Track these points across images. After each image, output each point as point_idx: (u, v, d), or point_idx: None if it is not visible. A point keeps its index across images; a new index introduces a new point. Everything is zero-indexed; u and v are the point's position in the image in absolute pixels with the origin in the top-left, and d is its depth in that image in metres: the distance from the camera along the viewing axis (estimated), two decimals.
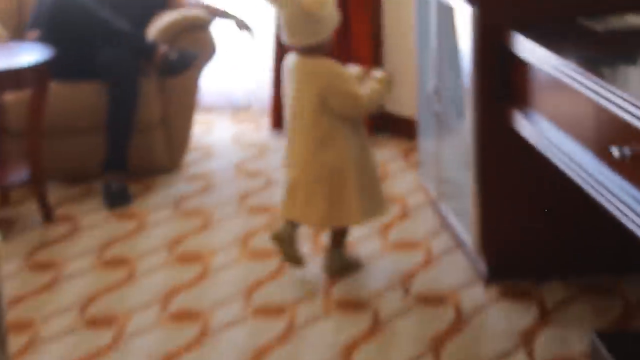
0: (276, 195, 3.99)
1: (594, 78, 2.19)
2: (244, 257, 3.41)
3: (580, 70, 2.28)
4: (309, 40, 3.07)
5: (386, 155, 4.44)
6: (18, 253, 3.50)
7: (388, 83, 3.15)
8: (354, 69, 3.23)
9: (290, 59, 3.15)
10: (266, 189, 4.08)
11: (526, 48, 2.70)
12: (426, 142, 3.77)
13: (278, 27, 4.75)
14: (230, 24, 4.40)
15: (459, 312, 2.96)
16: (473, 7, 2.95)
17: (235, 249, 3.49)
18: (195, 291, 3.18)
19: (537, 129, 2.65)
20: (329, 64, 3.08)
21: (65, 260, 3.44)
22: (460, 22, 3.14)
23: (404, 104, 4.65)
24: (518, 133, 2.82)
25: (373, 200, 3.16)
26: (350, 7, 4.65)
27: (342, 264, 3.24)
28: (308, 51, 3.08)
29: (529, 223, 3.07)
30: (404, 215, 3.73)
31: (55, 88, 4.04)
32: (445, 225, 3.56)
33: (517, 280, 3.10)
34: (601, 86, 2.14)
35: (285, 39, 3.12)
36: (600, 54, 2.52)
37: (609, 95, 2.10)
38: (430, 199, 3.79)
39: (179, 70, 4.16)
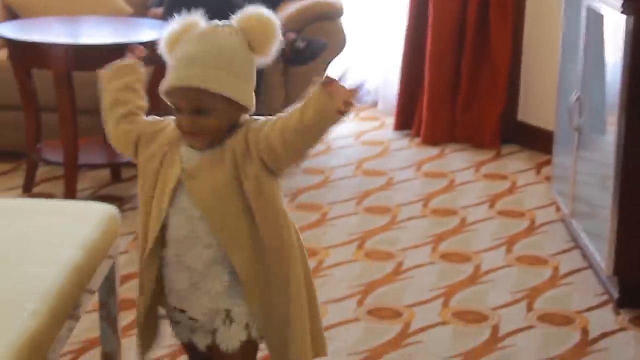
0: (396, 197, 4.17)
1: None
2: (359, 258, 3.59)
3: None
4: None
5: (516, 167, 4.58)
6: (127, 232, 3.73)
7: None
8: None
9: None
10: (386, 189, 4.26)
11: None
12: (562, 157, 3.88)
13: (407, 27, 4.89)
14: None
15: (585, 335, 3.07)
16: (628, 16, 3.04)
17: (349, 248, 3.67)
18: None
19: None
20: None
21: None
22: (611, 31, 3.23)
23: (538, 114, 4.75)
24: None
25: None
26: (491, 6, 4.78)
27: None
28: None
29: None
30: (532, 229, 3.86)
31: None
32: (576, 243, 3.67)
33: None
34: None
35: None
36: None
37: None
38: (561, 216, 3.90)
39: (306, 59, 4.29)
